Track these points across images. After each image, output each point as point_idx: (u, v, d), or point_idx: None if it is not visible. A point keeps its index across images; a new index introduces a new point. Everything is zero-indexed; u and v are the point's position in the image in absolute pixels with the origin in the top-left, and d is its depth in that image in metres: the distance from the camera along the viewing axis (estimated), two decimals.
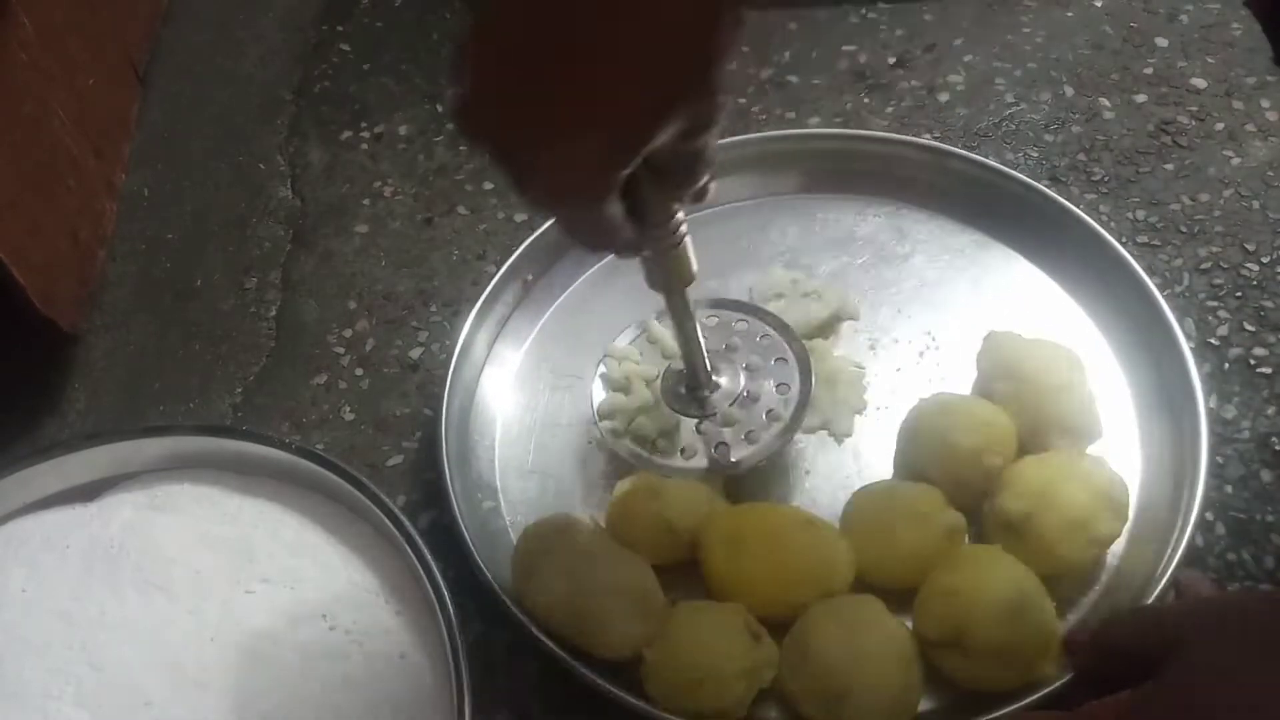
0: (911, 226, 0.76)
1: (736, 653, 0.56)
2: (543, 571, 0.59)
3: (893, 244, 0.76)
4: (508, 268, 0.74)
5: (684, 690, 0.56)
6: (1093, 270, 0.71)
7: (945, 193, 0.76)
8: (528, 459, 0.69)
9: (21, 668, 0.60)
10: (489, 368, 0.72)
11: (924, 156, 0.77)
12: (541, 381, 0.73)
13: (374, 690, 0.58)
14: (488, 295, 0.72)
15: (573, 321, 0.75)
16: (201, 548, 0.64)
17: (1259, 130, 0.81)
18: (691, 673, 0.55)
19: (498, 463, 0.69)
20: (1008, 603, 0.54)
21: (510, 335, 0.74)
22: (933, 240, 0.76)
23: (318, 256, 0.83)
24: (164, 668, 0.60)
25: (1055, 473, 0.59)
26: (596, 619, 0.58)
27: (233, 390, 0.76)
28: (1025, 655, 0.54)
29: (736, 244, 0.76)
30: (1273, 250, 0.75)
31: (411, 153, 0.88)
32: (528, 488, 0.68)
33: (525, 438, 0.70)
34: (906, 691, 0.55)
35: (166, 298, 0.81)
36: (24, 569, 0.64)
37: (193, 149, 0.90)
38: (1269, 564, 0.62)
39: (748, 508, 0.63)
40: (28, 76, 0.74)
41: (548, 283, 0.76)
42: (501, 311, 0.74)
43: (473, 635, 0.63)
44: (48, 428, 0.75)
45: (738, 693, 0.56)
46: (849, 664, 0.54)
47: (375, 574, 0.63)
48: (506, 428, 0.71)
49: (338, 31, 0.98)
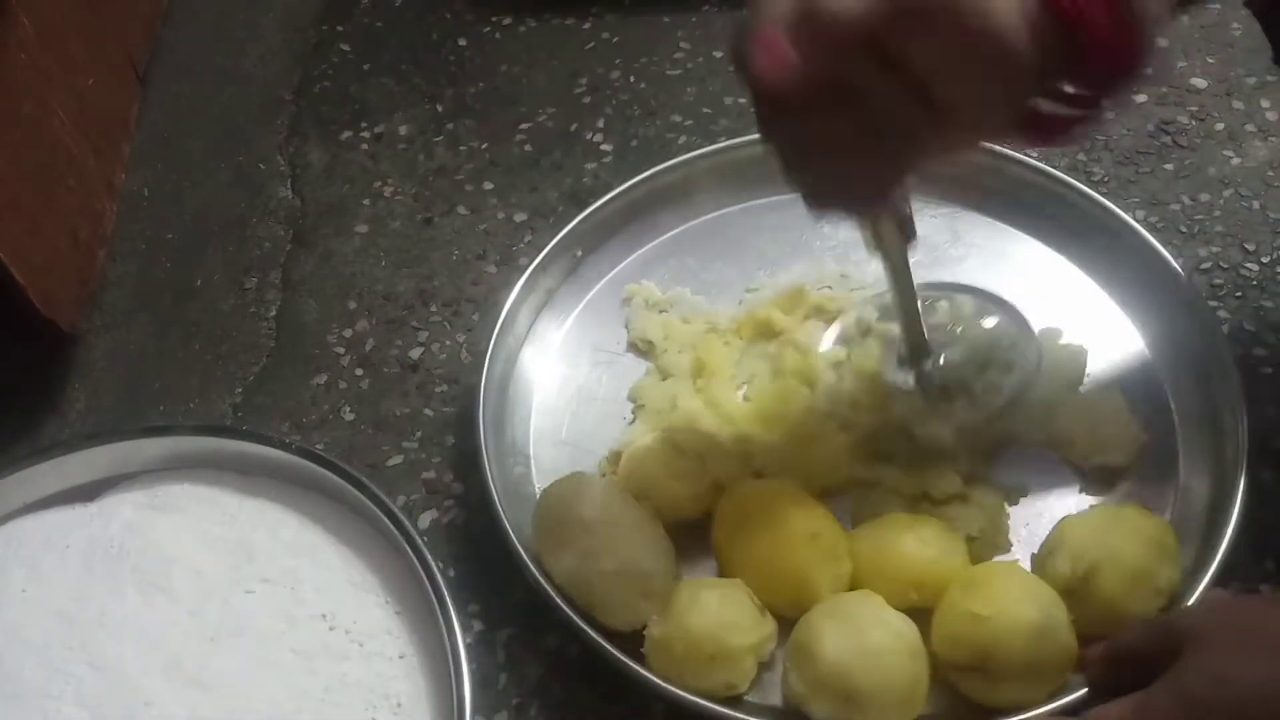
0: (967, 230, 0.76)
1: (746, 626, 0.56)
2: (555, 542, 0.59)
3: (946, 245, 0.75)
4: (558, 241, 0.74)
5: (694, 666, 0.56)
6: (1151, 289, 0.70)
7: (1004, 197, 0.76)
8: (562, 430, 0.70)
9: (21, 668, 0.60)
10: (530, 338, 0.73)
11: (984, 160, 0.76)
12: (582, 356, 0.73)
13: (374, 690, 0.58)
14: (537, 264, 0.73)
15: (619, 298, 0.75)
16: (201, 548, 0.64)
17: (1259, 130, 0.81)
18: (703, 647, 0.55)
19: (532, 431, 0.70)
20: (1032, 624, 0.54)
21: (555, 308, 0.74)
22: (988, 245, 0.75)
23: (318, 256, 0.83)
24: (164, 668, 0.60)
25: (1104, 526, 0.58)
26: (601, 596, 0.58)
27: (233, 390, 0.76)
28: (1050, 674, 0.54)
29: (788, 235, 0.76)
30: (1273, 250, 0.75)
31: (411, 153, 0.88)
32: (559, 456, 0.68)
33: (562, 409, 0.70)
34: (916, 685, 0.55)
35: (166, 298, 0.81)
36: (24, 569, 0.64)
37: (193, 149, 0.90)
38: (1269, 566, 0.62)
39: (761, 494, 0.62)
40: (28, 76, 0.74)
41: (596, 260, 0.76)
42: (549, 284, 0.74)
43: (473, 635, 0.63)
44: (48, 428, 0.75)
45: (746, 667, 0.56)
46: (858, 662, 0.54)
47: (375, 574, 0.63)
48: (544, 397, 0.71)
49: (338, 31, 0.98)
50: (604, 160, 0.86)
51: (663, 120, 0.87)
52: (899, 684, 0.54)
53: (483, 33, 0.96)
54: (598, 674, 0.61)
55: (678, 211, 0.78)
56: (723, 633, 0.56)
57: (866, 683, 0.53)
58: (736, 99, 0.88)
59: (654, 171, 0.77)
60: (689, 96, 0.89)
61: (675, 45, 0.92)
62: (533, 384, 0.71)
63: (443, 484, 0.70)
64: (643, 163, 0.84)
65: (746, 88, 0.45)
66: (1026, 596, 0.55)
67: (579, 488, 0.61)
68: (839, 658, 0.54)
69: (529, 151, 0.87)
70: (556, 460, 0.68)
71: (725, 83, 0.89)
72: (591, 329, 0.74)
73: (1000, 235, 0.75)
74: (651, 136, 0.87)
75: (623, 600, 0.58)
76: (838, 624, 0.55)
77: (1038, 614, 0.54)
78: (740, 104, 0.87)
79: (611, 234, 0.77)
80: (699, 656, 0.56)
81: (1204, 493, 0.63)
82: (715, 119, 0.87)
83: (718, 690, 0.56)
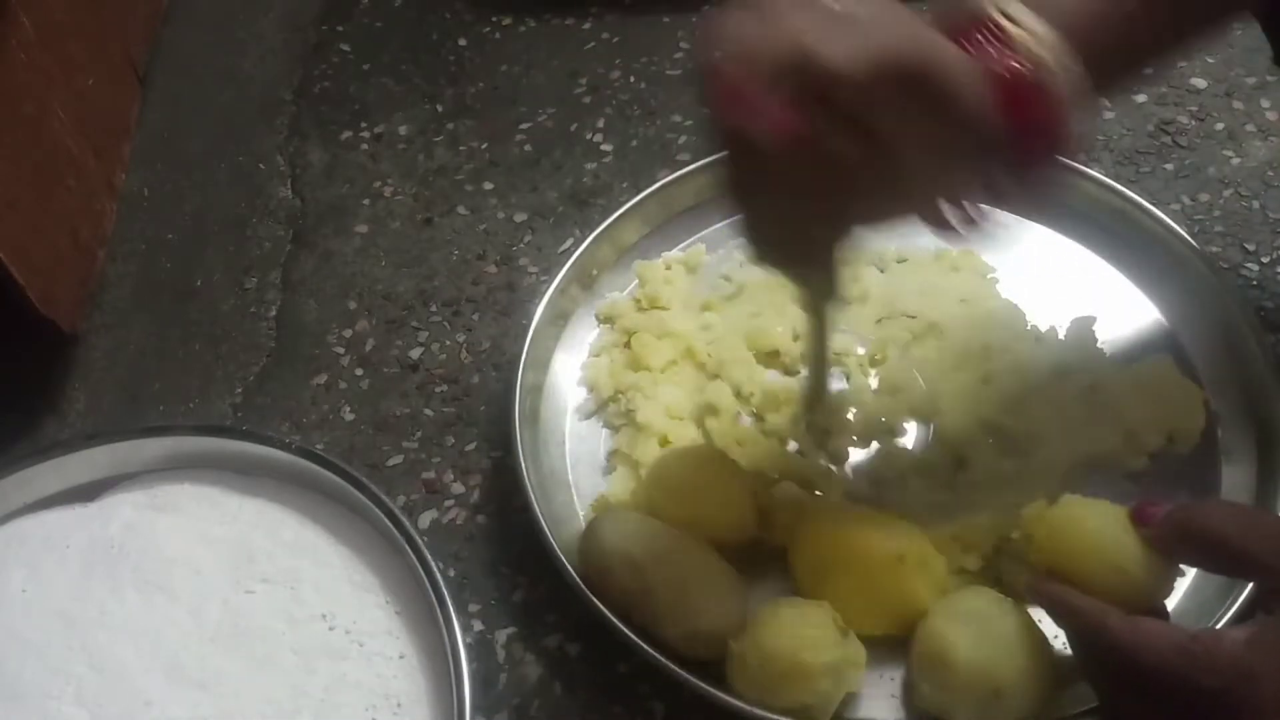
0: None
1: (823, 646, 0.55)
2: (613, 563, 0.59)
3: None
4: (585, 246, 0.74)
5: (769, 683, 0.55)
6: (1188, 293, 0.70)
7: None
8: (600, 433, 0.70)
9: (21, 668, 0.60)
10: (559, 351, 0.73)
11: None
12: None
13: (374, 690, 0.58)
14: (572, 264, 0.73)
15: None
16: (201, 548, 0.64)
17: (1259, 130, 0.81)
18: (776, 664, 0.55)
19: (569, 434, 0.70)
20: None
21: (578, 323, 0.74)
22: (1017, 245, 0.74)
23: (318, 256, 0.83)
24: (164, 668, 0.60)
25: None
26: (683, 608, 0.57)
27: (233, 390, 0.76)
28: None
29: None
30: (1273, 250, 0.75)
31: (411, 153, 0.88)
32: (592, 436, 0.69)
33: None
34: (1050, 669, 0.55)
35: (166, 298, 0.81)
36: (24, 569, 0.64)
37: (193, 149, 0.90)
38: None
39: (837, 522, 0.60)
40: (28, 76, 0.74)
41: (612, 276, 0.76)
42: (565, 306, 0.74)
43: (473, 635, 0.63)
44: (48, 428, 0.75)
45: (823, 689, 0.55)
46: (997, 657, 0.54)
47: (375, 574, 0.63)
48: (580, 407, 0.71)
49: (338, 31, 0.98)
50: (604, 160, 0.85)
51: (663, 120, 0.87)
52: (1038, 670, 0.54)
53: (483, 33, 0.96)
54: (598, 674, 0.61)
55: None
56: (797, 650, 0.54)
57: (1010, 674, 0.53)
58: None
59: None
60: (689, 96, 0.89)
61: (675, 45, 0.92)
62: (566, 397, 0.71)
63: (443, 484, 0.70)
64: (643, 163, 0.84)
65: (719, 134, 0.46)
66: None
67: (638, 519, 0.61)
68: (975, 656, 0.54)
69: (529, 151, 0.87)
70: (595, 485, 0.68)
71: None
72: None
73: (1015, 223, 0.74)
74: (651, 136, 0.87)
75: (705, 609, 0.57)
76: (964, 625, 0.55)
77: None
78: None
79: (628, 253, 0.77)
80: (772, 674, 0.55)
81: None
82: None
83: (795, 711, 0.55)
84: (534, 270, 0.79)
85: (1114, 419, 0.65)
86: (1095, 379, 0.66)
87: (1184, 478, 0.64)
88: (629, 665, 0.61)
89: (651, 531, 0.59)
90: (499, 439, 0.71)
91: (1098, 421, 0.65)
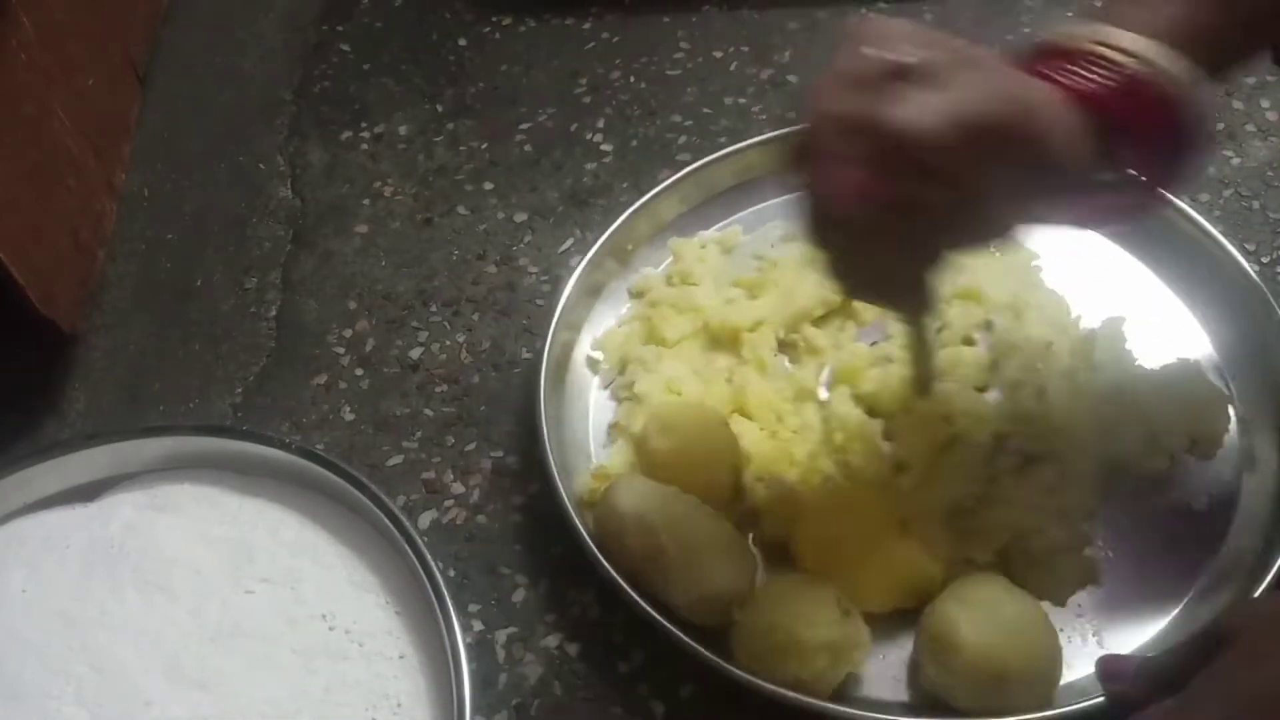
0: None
1: (821, 623, 0.55)
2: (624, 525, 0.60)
3: None
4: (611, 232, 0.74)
5: (766, 655, 0.56)
6: (1227, 299, 0.70)
7: None
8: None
9: (21, 668, 0.60)
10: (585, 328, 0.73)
11: None
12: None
13: (374, 690, 0.58)
14: (593, 254, 0.73)
15: None
16: (201, 548, 0.64)
17: (1259, 130, 0.81)
18: (774, 636, 0.55)
19: (592, 405, 0.70)
20: None
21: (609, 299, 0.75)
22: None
23: (318, 256, 0.83)
24: (164, 668, 0.60)
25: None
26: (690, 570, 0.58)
27: (233, 390, 0.76)
28: None
29: None
30: (1273, 250, 0.75)
31: (411, 153, 0.88)
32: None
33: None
34: (1057, 656, 0.55)
35: (166, 298, 0.81)
36: (24, 569, 0.64)
37: (193, 149, 0.90)
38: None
39: (839, 501, 0.62)
40: (28, 76, 0.74)
41: (647, 253, 0.76)
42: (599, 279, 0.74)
43: (473, 635, 0.63)
44: (48, 428, 0.75)
45: (819, 665, 0.55)
46: (1003, 642, 0.54)
47: (375, 574, 0.63)
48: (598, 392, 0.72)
49: (338, 31, 0.98)
50: (604, 160, 0.85)
51: (663, 120, 0.87)
52: (1043, 656, 0.55)
53: (483, 33, 0.96)
54: (598, 674, 0.61)
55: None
56: (794, 623, 0.55)
57: (1015, 660, 0.54)
58: (736, 99, 0.88)
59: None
60: (689, 96, 0.89)
61: (675, 45, 0.92)
62: (588, 379, 0.72)
63: (443, 484, 0.70)
64: (643, 163, 0.84)
65: (810, 201, 0.47)
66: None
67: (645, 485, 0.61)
68: (982, 640, 0.54)
69: (529, 151, 0.87)
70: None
71: (725, 83, 0.89)
72: None
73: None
74: (651, 136, 0.86)
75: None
76: (971, 608, 0.55)
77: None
78: (740, 104, 0.87)
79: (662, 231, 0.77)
80: (770, 645, 0.56)
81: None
82: (715, 119, 0.87)
83: (792, 685, 0.55)
84: (534, 270, 0.79)
85: (1138, 419, 0.64)
86: (1121, 379, 0.66)
87: (1203, 484, 0.64)
88: (629, 665, 0.61)
89: (666, 496, 0.60)
90: (499, 439, 0.71)
91: (1121, 422, 0.64)
